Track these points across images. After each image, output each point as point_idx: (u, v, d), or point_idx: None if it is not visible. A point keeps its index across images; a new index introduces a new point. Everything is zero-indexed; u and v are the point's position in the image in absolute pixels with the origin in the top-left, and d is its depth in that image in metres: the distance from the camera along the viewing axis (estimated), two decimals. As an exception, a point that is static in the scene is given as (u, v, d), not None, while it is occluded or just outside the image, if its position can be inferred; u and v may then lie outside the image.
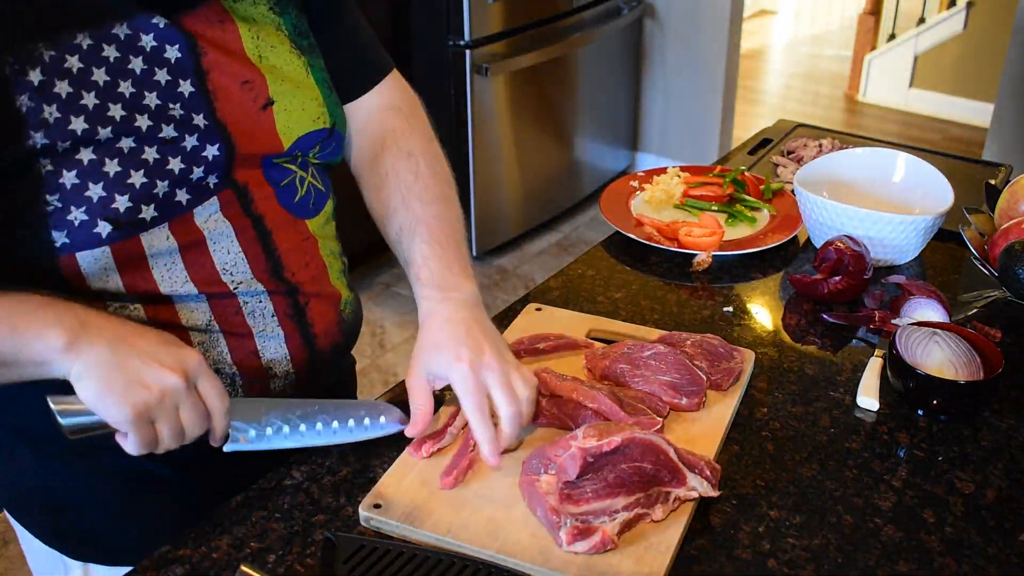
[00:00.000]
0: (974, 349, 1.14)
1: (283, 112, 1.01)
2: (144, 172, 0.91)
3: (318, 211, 1.08)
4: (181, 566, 0.91)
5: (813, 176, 1.50)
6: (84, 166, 0.88)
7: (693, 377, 1.09)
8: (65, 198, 0.88)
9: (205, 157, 0.95)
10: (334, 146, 1.09)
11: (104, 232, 0.90)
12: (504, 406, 0.97)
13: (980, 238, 1.38)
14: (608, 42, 3.85)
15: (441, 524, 0.92)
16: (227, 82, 0.97)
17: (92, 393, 0.83)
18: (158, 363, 0.84)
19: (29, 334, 0.83)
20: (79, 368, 0.83)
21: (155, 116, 0.92)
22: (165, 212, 0.93)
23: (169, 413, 0.85)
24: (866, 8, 5.50)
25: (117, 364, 0.83)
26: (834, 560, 0.91)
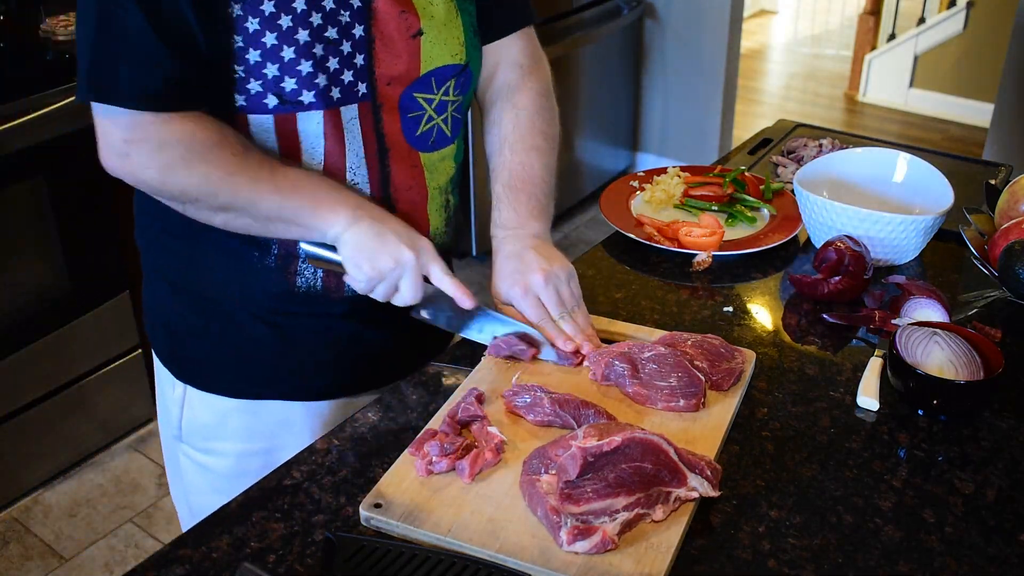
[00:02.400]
0: (974, 349, 1.14)
1: (429, 43, 1.15)
2: (311, 63, 1.07)
3: (436, 149, 1.22)
4: (181, 566, 0.91)
5: (813, 176, 1.50)
6: (267, 48, 1.05)
7: (692, 379, 1.09)
8: (248, 70, 1.06)
9: (355, 64, 1.11)
10: (465, 81, 1.22)
11: (271, 104, 1.08)
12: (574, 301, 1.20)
13: (980, 238, 1.38)
14: (608, 42, 3.85)
15: (441, 524, 0.92)
16: (388, 7, 1.11)
17: (351, 251, 1.09)
18: (401, 242, 1.09)
19: (325, 207, 1.09)
20: (348, 235, 1.09)
21: (327, 17, 1.07)
22: (320, 100, 1.09)
23: (393, 279, 1.10)
24: (866, 8, 5.50)
25: (375, 235, 1.09)
26: (834, 560, 0.91)
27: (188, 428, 1.29)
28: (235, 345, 1.23)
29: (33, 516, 2.46)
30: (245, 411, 1.25)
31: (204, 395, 1.26)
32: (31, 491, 2.52)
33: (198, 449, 1.30)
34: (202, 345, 1.24)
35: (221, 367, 1.25)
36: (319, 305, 1.20)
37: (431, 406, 1.12)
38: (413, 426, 1.09)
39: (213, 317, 1.22)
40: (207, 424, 1.27)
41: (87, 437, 2.61)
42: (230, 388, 1.25)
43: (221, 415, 1.26)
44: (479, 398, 1.08)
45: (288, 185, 1.08)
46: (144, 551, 2.35)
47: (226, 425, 1.26)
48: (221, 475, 1.28)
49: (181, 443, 1.31)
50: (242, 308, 1.21)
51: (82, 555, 2.35)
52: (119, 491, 2.55)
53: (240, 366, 1.24)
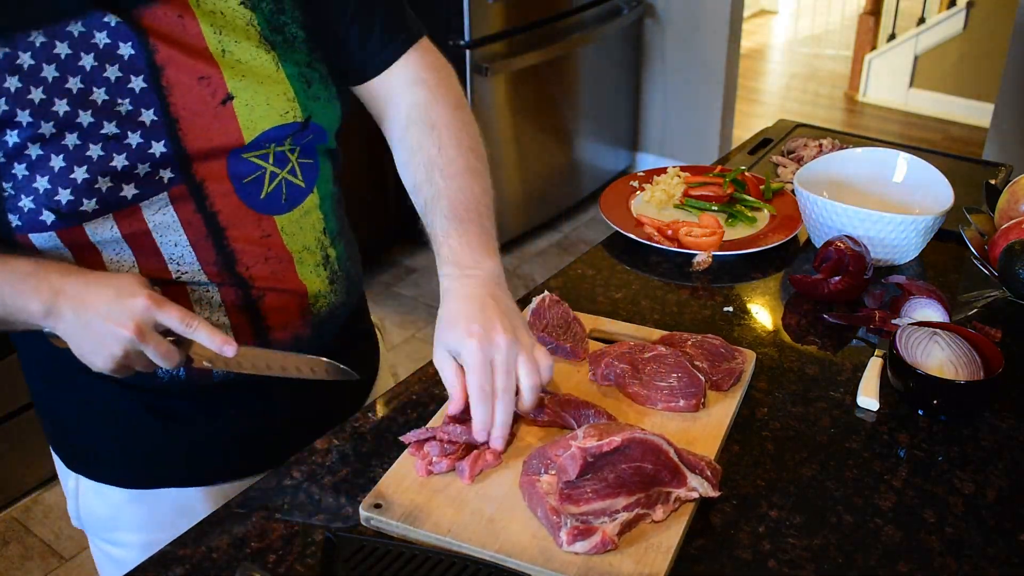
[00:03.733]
0: (974, 349, 1.14)
1: (244, 106, 1.01)
2: (87, 168, 0.94)
3: (292, 206, 1.08)
4: (181, 566, 0.91)
5: (813, 176, 1.50)
6: (32, 160, 0.93)
7: (692, 379, 1.09)
8: (17, 187, 0.94)
9: (152, 154, 0.97)
10: (312, 138, 1.07)
11: (48, 220, 0.95)
12: (500, 385, 0.98)
13: (980, 238, 1.38)
14: (608, 42, 3.85)
15: (441, 524, 0.92)
16: (183, 77, 0.98)
17: (74, 348, 0.96)
18: (113, 322, 0.92)
19: (16, 304, 0.95)
20: (61, 330, 0.95)
21: (99, 112, 0.95)
22: (108, 205, 0.96)
23: (138, 358, 0.95)
24: (866, 8, 5.50)
25: (82, 328, 0.94)
26: (834, 560, 0.91)
27: (88, 520, 1.22)
28: (119, 432, 1.14)
29: (33, 516, 2.46)
30: (141, 501, 1.16)
31: (97, 486, 1.17)
32: (31, 491, 2.52)
33: (103, 540, 1.22)
34: (86, 435, 1.16)
35: (109, 456, 1.16)
36: (189, 386, 1.10)
37: (431, 406, 1.12)
38: (413, 426, 1.09)
39: (90, 404, 1.13)
40: (104, 516, 1.19)
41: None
42: (121, 478, 1.15)
43: (116, 507, 1.17)
44: None
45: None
46: (144, 551, 2.35)
47: (123, 516, 1.18)
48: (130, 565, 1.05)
49: (85, 531, 1.24)
50: (115, 393, 1.11)
51: (82, 555, 2.35)
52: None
53: (128, 454, 1.15)
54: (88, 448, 1.17)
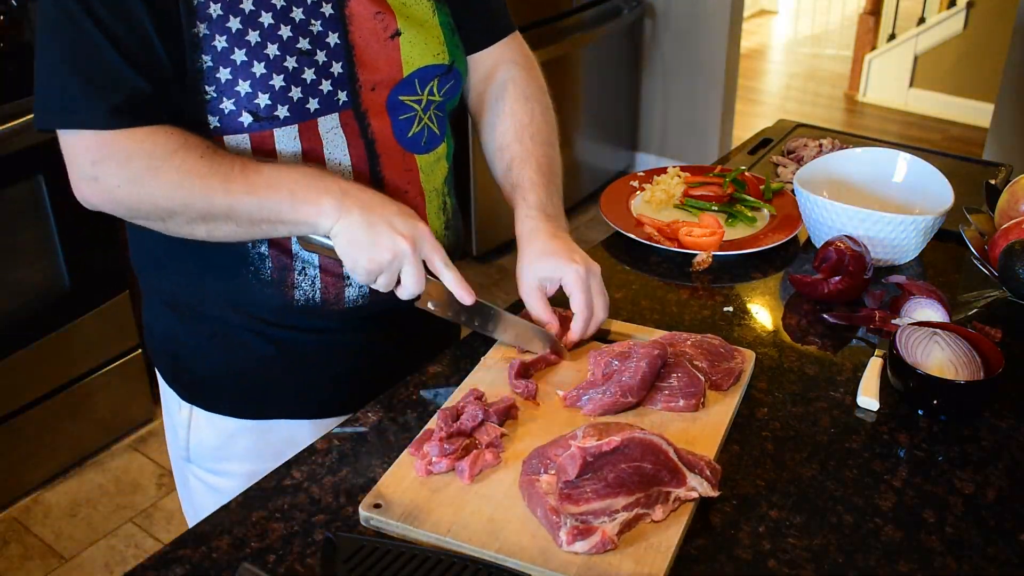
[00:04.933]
0: (974, 349, 1.14)
1: (408, 43, 1.14)
2: (284, 77, 1.06)
3: (429, 149, 1.20)
4: (181, 566, 0.91)
5: (813, 176, 1.50)
6: (237, 65, 1.04)
7: (692, 379, 1.09)
8: (220, 90, 1.04)
9: (332, 73, 1.09)
10: (452, 83, 1.21)
11: (246, 122, 1.06)
12: (601, 309, 1.18)
13: (980, 238, 1.38)
14: (608, 42, 3.85)
15: (441, 524, 0.92)
16: (362, 10, 1.10)
17: (344, 245, 1.05)
18: (395, 231, 1.04)
19: (306, 201, 1.04)
20: (338, 227, 1.05)
21: (297, 28, 1.06)
22: (296, 114, 1.08)
23: (394, 270, 1.06)
24: (866, 8, 5.50)
25: (367, 227, 1.04)
26: (834, 560, 0.91)
27: (196, 449, 1.28)
28: (238, 364, 1.21)
29: (33, 516, 2.46)
30: (252, 431, 1.24)
31: (210, 416, 1.24)
32: (31, 491, 2.52)
33: (207, 470, 1.28)
34: (205, 365, 1.23)
35: (225, 387, 1.23)
36: (319, 319, 1.18)
37: (431, 406, 1.12)
38: (413, 426, 1.09)
39: (214, 336, 1.20)
40: (215, 445, 1.26)
41: (87, 437, 2.61)
42: (236, 408, 1.24)
43: (228, 436, 1.24)
44: (479, 397, 1.08)
45: (263, 182, 1.04)
46: (144, 551, 2.35)
47: (234, 446, 1.25)
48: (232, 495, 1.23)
49: (190, 464, 1.30)
50: (243, 326, 1.18)
51: (82, 555, 2.35)
52: (119, 491, 2.55)
53: (245, 385, 1.22)
54: (207, 379, 1.24)
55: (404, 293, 1.09)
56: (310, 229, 1.06)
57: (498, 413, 1.04)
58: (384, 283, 1.08)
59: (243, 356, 1.20)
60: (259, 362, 1.21)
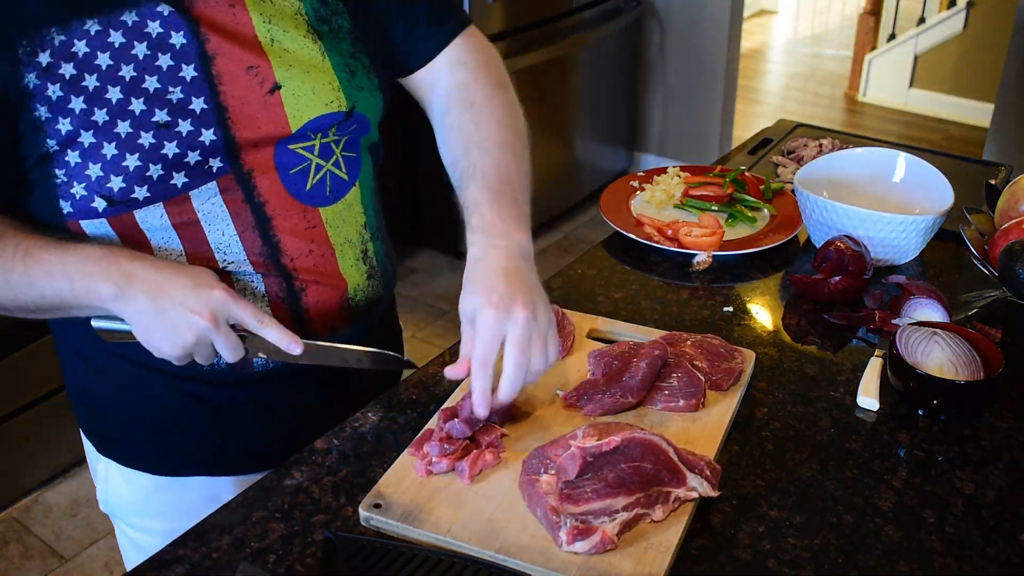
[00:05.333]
0: (974, 349, 1.14)
1: (291, 96, 1.03)
2: (139, 156, 0.96)
3: (337, 199, 1.10)
4: (181, 566, 0.91)
5: (813, 176, 1.50)
6: (84, 147, 0.95)
7: (692, 379, 1.09)
8: (70, 174, 0.96)
9: (202, 142, 0.99)
10: (355, 128, 1.10)
11: (100, 207, 0.97)
12: (510, 364, 0.95)
13: (980, 238, 1.38)
14: (608, 42, 3.85)
15: (441, 524, 0.92)
16: (232, 67, 1.00)
17: (141, 333, 0.97)
18: (189, 310, 0.94)
19: (83, 287, 0.95)
20: (127, 314, 0.96)
21: (151, 100, 0.96)
22: (159, 193, 0.98)
23: (205, 348, 0.97)
24: (866, 8, 5.50)
25: (155, 314, 0.95)
26: (834, 560, 0.91)
27: (114, 503, 1.23)
28: (152, 418, 1.15)
29: (33, 516, 2.46)
30: (170, 488, 1.18)
31: (126, 471, 1.19)
32: (31, 491, 2.52)
33: (128, 525, 1.24)
34: (119, 419, 1.17)
35: (140, 442, 1.17)
36: (230, 376, 1.12)
37: (431, 406, 1.12)
38: (413, 426, 1.09)
39: (125, 389, 1.14)
40: (132, 501, 1.21)
41: (87, 437, 2.61)
42: (151, 464, 1.17)
43: (144, 492, 1.19)
44: None
45: (42, 272, 0.95)
46: (144, 551, 2.35)
47: (151, 503, 1.19)
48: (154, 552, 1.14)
49: (111, 516, 1.26)
50: (152, 379, 1.12)
51: (82, 555, 2.35)
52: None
53: (160, 440, 1.16)
54: (120, 433, 1.18)
55: (229, 359, 0.99)
56: (98, 312, 0.98)
57: (498, 413, 1.04)
58: (203, 359, 0.99)
59: (156, 409, 1.14)
60: (172, 416, 1.14)
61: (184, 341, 0.95)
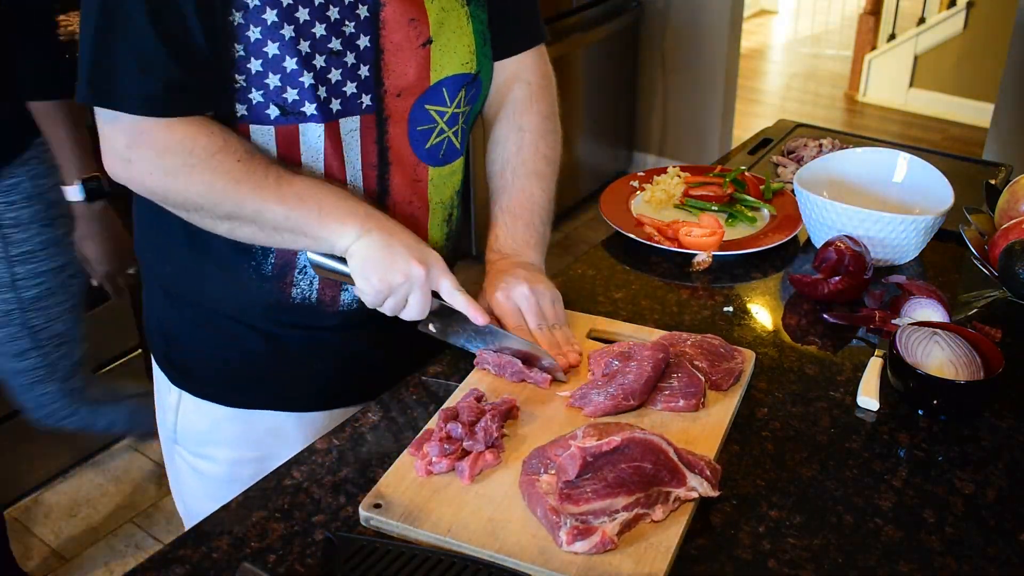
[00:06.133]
0: (974, 349, 1.14)
1: (438, 51, 1.13)
2: (313, 75, 1.06)
3: (446, 162, 1.21)
4: (181, 566, 0.91)
5: (813, 176, 1.50)
6: (268, 58, 1.04)
7: (692, 379, 1.09)
8: (249, 80, 1.05)
9: (359, 76, 1.09)
10: (475, 92, 1.21)
11: (272, 115, 1.07)
12: (532, 324, 1.16)
13: (980, 238, 1.38)
14: (608, 42, 3.85)
15: (441, 524, 0.92)
16: (397, 15, 1.09)
17: (359, 264, 1.08)
18: (411, 255, 1.07)
19: (332, 218, 1.06)
20: (356, 246, 1.07)
21: (330, 28, 1.06)
22: (322, 112, 1.08)
23: (402, 293, 1.08)
24: (866, 8, 5.50)
25: (384, 247, 1.07)
26: (834, 560, 0.91)
27: (183, 433, 1.30)
28: (229, 354, 1.22)
29: (33, 516, 2.46)
30: (237, 419, 1.25)
31: (198, 401, 1.26)
32: (31, 491, 2.52)
33: (193, 454, 1.30)
34: (197, 352, 1.24)
35: (215, 375, 1.24)
36: (313, 318, 1.19)
37: (431, 407, 1.12)
38: (413, 426, 1.09)
39: (208, 326, 1.22)
40: (201, 430, 1.27)
41: (87, 437, 2.61)
42: (223, 396, 1.25)
43: (214, 422, 1.26)
44: (479, 399, 1.08)
45: (293, 195, 1.06)
46: (144, 551, 2.36)
47: (219, 432, 1.26)
48: (214, 480, 1.27)
49: (177, 446, 1.32)
50: (237, 319, 1.20)
51: (82, 555, 2.35)
52: (119, 491, 2.55)
53: (232, 375, 1.24)
54: (196, 365, 1.25)
55: (408, 315, 1.11)
56: (329, 246, 1.08)
57: (498, 413, 1.04)
58: (391, 306, 1.10)
59: (233, 347, 1.22)
60: (248, 354, 1.22)
61: (394, 279, 1.07)
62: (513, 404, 1.07)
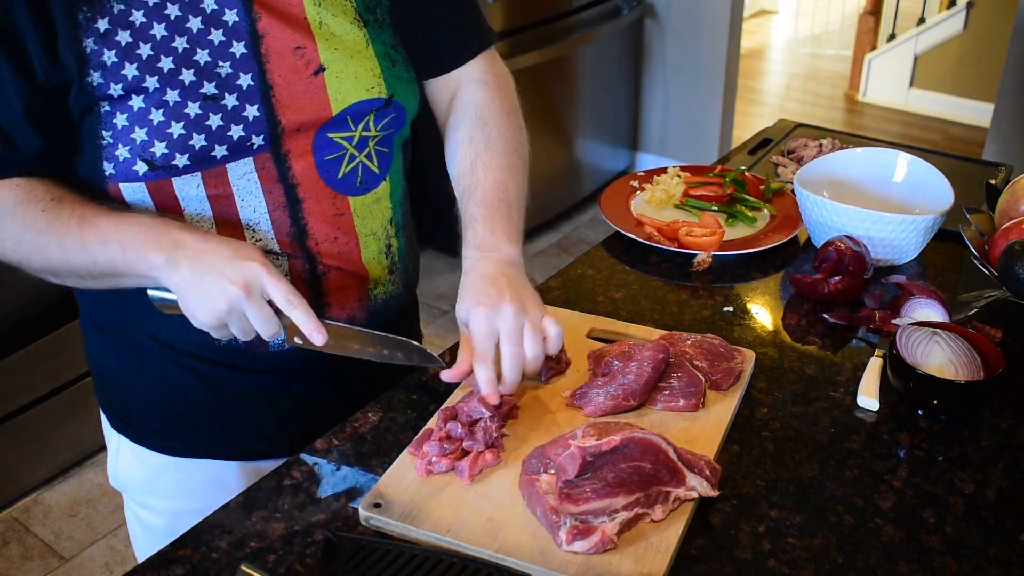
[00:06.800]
0: (974, 349, 1.14)
1: (335, 78, 1.06)
2: (184, 124, 1.00)
3: (366, 190, 1.13)
4: (181, 566, 0.91)
5: (813, 176, 1.50)
6: (133, 111, 0.99)
7: (691, 378, 1.09)
8: (116, 136, 1.00)
9: (245, 117, 1.02)
10: (393, 117, 1.13)
11: (141, 171, 1.01)
12: (506, 355, 1.03)
13: (980, 238, 1.38)
14: (608, 42, 3.85)
15: (441, 524, 0.92)
16: (280, 46, 1.03)
17: (182, 301, 0.99)
18: (224, 278, 0.97)
19: (135, 255, 0.98)
20: (172, 283, 0.99)
21: (201, 73, 1.00)
22: (198, 162, 1.02)
23: (238, 319, 0.99)
24: (866, 8, 5.50)
25: (195, 280, 0.97)
26: (834, 560, 0.91)
27: (123, 480, 1.27)
28: (164, 397, 1.18)
29: (33, 516, 2.46)
30: (176, 468, 1.21)
31: (136, 448, 1.22)
32: (31, 491, 2.52)
33: (135, 503, 1.27)
34: (133, 394, 1.20)
35: (151, 419, 1.20)
36: (243, 358, 1.14)
37: (431, 406, 1.12)
38: (413, 426, 1.09)
39: (141, 365, 1.17)
40: (140, 479, 1.24)
41: (87, 437, 2.61)
42: (160, 443, 1.21)
43: (154, 470, 1.22)
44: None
45: (96, 238, 0.99)
46: (144, 551, 2.35)
47: (158, 481, 1.22)
48: (157, 532, 1.23)
49: (121, 492, 1.30)
50: (167, 357, 1.15)
51: (82, 555, 2.35)
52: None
53: (170, 420, 1.20)
54: (133, 410, 1.21)
55: (266, 336, 1.01)
56: (150, 282, 1.02)
57: (498, 413, 1.04)
58: (239, 332, 1.00)
59: (168, 388, 1.17)
60: (184, 396, 1.17)
61: (218, 309, 0.97)
62: (513, 404, 1.07)
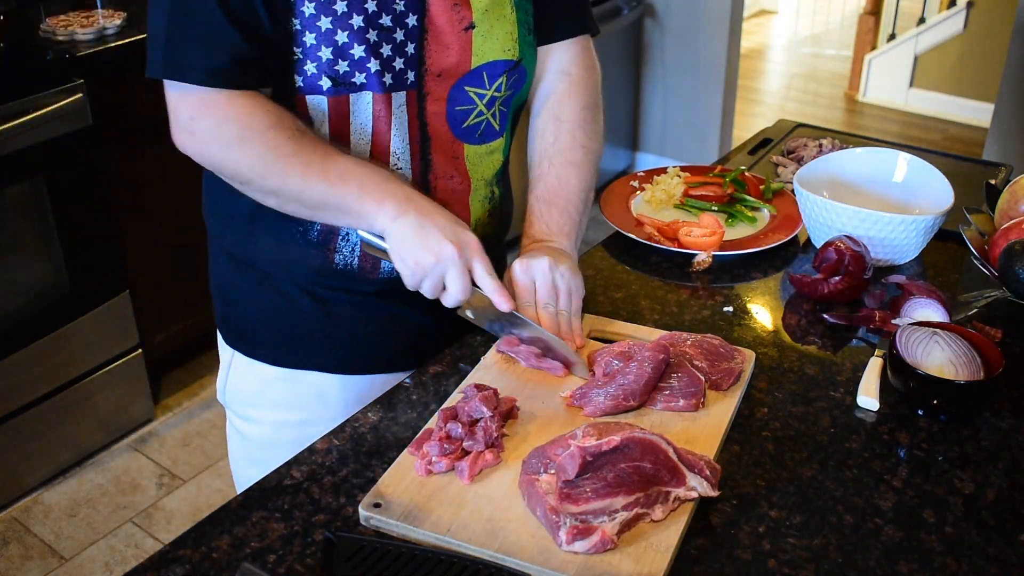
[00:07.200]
0: (974, 349, 1.14)
1: (480, 36, 1.18)
2: (364, 48, 1.12)
3: (483, 142, 1.25)
4: (181, 566, 0.91)
5: (813, 176, 1.50)
6: (321, 32, 1.10)
7: (692, 378, 1.09)
8: (305, 52, 1.11)
9: (406, 52, 1.15)
10: (517, 79, 1.25)
11: (325, 86, 1.13)
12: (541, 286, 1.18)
13: (980, 238, 1.38)
14: (608, 42, 3.85)
15: (441, 524, 0.92)
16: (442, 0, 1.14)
17: (395, 245, 1.12)
18: (444, 236, 1.10)
19: (371, 198, 1.12)
20: (392, 227, 1.12)
21: (381, 4, 1.12)
22: (372, 84, 1.14)
23: (438, 274, 1.11)
24: (866, 8, 5.50)
25: (417, 228, 1.10)
26: (834, 560, 0.91)
27: (231, 393, 1.36)
28: (280, 314, 1.28)
29: (33, 516, 2.46)
30: (285, 380, 1.30)
31: (249, 361, 1.32)
32: (31, 491, 2.52)
33: (239, 416, 1.36)
34: (252, 313, 1.31)
35: (266, 334, 1.30)
36: (356, 282, 1.25)
37: (431, 406, 1.12)
38: (413, 426, 1.09)
39: (263, 287, 1.28)
40: (249, 391, 1.34)
41: (87, 437, 2.61)
42: (272, 356, 1.30)
43: (262, 382, 1.31)
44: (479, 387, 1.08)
45: (337, 173, 1.11)
46: (144, 551, 2.35)
47: (266, 393, 1.32)
48: (257, 443, 1.34)
49: (227, 407, 1.39)
50: (288, 280, 1.26)
51: (82, 555, 2.35)
52: (119, 491, 2.55)
53: (283, 335, 1.29)
54: (250, 324, 1.32)
55: (448, 300, 1.14)
56: (368, 225, 1.14)
57: (498, 413, 1.04)
58: (429, 287, 1.13)
59: (284, 308, 1.28)
60: (297, 315, 1.27)
61: (426, 259, 1.10)
62: (513, 404, 1.07)
